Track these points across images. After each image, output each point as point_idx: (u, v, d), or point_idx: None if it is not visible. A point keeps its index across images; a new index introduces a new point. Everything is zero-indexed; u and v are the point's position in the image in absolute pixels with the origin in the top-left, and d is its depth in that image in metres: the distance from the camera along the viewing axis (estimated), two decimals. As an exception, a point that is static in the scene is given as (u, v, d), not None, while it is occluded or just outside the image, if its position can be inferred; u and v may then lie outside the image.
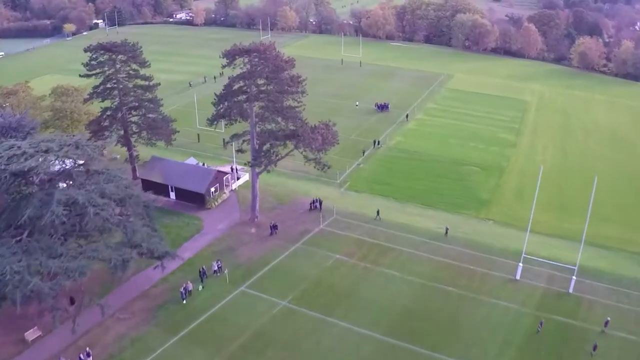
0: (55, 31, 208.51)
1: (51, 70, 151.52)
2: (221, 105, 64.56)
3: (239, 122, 66.11)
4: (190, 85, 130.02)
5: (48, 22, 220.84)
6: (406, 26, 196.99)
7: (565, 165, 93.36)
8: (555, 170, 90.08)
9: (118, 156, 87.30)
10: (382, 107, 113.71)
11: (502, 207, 78.13)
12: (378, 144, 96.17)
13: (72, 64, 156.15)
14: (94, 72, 74.84)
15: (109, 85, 76.54)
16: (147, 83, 77.97)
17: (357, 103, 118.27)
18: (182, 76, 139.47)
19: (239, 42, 65.83)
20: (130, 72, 77.13)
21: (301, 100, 63.36)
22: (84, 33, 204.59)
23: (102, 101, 77.39)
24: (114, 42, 75.48)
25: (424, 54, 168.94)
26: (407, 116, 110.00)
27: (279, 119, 62.70)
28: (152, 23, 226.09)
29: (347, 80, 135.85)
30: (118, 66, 75.83)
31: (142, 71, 78.86)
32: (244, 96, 63.25)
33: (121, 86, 76.40)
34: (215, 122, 65.40)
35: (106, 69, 75.42)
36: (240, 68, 63.50)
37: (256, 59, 61.13)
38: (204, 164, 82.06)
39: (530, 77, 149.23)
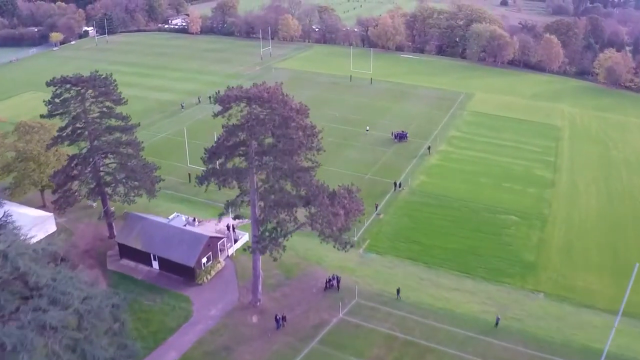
0: (43, 40, 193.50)
1: (33, 86, 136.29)
2: (212, 165, 49.95)
3: (236, 185, 51.33)
4: (182, 107, 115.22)
5: (35, 29, 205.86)
6: (416, 36, 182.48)
7: (613, 211, 79.37)
8: (603, 219, 76.39)
9: (94, 204, 72.77)
10: (400, 137, 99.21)
11: (551, 272, 64.28)
12: (399, 186, 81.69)
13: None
14: (57, 112, 60.12)
15: (78, 125, 61.89)
16: (123, 123, 63.16)
17: (368, 128, 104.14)
18: (174, 95, 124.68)
19: (236, 88, 50.79)
20: (104, 109, 62.34)
21: (317, 161, 48.60)
22: (72, 42, 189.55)
23: (70, 145, 62.71)
24: (81, 75, 60.71)
25: (438, 68, 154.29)
26: (429, 148, 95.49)
27: (288, 184, 48.07)
28: (145, 30, 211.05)
29: (357, 101, 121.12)
30: (87, 104, 61.08)
31: (119, 109, 64.02)
32: (243, 155, 48.57)
33: (92, 128, 61.68)
34: (207, 184, 50.69)
35: (72, 107, 60.70)
36: (238, 115, 48.68)
37: (258, 109, 46.36)
38: (194, 220, 67.56)
39: (556, 96, 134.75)
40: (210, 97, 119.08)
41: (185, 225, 62.57)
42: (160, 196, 71.62)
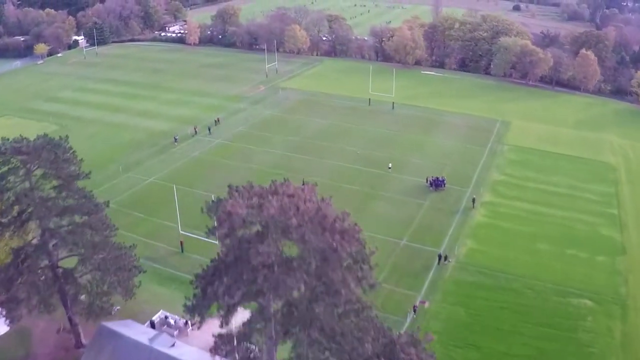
0: (29, 51, 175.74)
1: (10, 109, 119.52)
2: (206, 293, 32.27)
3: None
4: (175, 140, 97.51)
5: (21, 39, 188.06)
6: (435, 48, 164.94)
7: None
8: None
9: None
10: (437, 185, 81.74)
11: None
12: (445, 259, 64.29)
13: (35, 100, 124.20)
14: (-7, 193, 42.73)
15: (23, 207, 44.59)
16: (84, 201, 45.68)
17: (390, 166, 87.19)
18: (167, 123, 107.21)
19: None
20: (59, 184, 44.97)
21: (369, 305, 30.86)
22: (59, 54, 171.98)
23: (13, 236, 45.26)
24: (29, 142, 42.95)
25: (464, 88, 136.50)
26: (473, 201, 77.97)
27: (323, 341, 30.29)
28: (139, 40, 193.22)
29: (380, 133, 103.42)
30: (34, 180, 43.72)
31: (81, 183, 46.61)
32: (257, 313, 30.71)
33: (42, 211, 44.24)
34: (200, 318, 32.97)
35: (15, 183, 43.39)
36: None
37: (281, 242, 28.48)
38: (186, 323, 50.29)
39: (600, 123, 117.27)
40: (209, 129, 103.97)
41: (172, 346, 44.98)
42: (145, 276, 53.92)
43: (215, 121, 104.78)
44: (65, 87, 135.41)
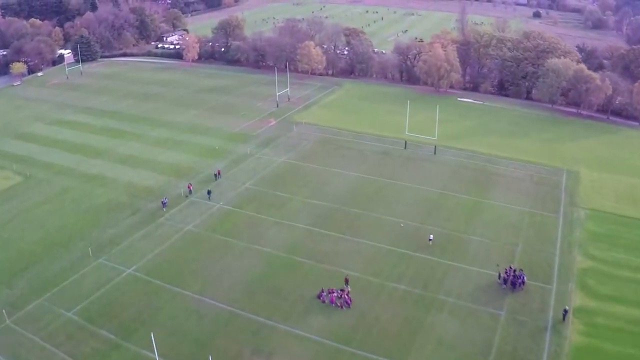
0: (9, 68, 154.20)
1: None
2: None
3: None
4: (164, 205, 75.54)
5: (2, 53, 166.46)
6: (467, 68, 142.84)
7: None
8: None
9: None
10: (514, 283, 59.87)
11: None
12: None
13: (2, 138, 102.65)
14: None
15: None
16: None
17: (431, 237, 66.59)
18: (154, 176, 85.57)
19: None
20: None
21: None
22: (40, 73, 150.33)
23: None
24: None
25: (512, 121, 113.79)
26: (564, 313, 56.06)
27: None
28: (132, 55, 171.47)
29: (424, 193, 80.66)
30: None
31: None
32: None
33: None
34: None
35: None
36: None
37: None
38: None
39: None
40: (208, 193, 76.20)
41: None
42: None
43: (215, 175, 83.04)
44: (39, 117, 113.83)
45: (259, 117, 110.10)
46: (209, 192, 76.99)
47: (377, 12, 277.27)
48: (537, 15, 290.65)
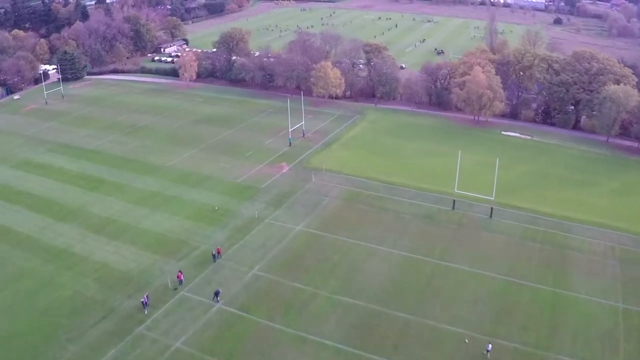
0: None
1: None
2: None
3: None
4: (145, 306, 54.89)
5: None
6: (506, 91, 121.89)
7: None
8: None
9: None
10: None
11: None
12: None
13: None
14: None
15: None
16: None
17: (489, 347, 47.15)
18: (131, 256, 64.74)
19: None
20: None
21: None
22: (16, 96, 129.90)
23: None
24: None
25: (574, 164, 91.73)
26: None
27: None
28: (123, 72, 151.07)
29: (484, 280, 60.17)
30: None
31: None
32: None
33: None
34: None
35: None
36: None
37: None
38: None
39: None
40: (216, 294, 52.28)
41: None
42: None
43: (214, 255, 62.76)
44: (4, 158, 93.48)
45: (268, 160, 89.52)
46: (216, 294, 56.24)
47: (389, 18, 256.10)
48: (558, 22, 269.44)
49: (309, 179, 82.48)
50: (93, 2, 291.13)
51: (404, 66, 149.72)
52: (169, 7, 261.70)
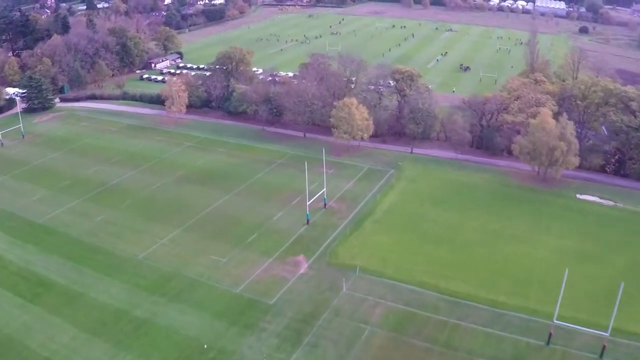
0: None
1: None
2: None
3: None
4: None
5: None
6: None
7: None
8: None
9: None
10: None
11: None
12: None
13: None
14: None
15: None
16: None
17: None
18: None
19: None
20: None
21: None
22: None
23: None
24: None
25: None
26: None
27: None
28: (102, 98, 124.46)
29: None
30: None
31: None
32: None
33: None
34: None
35: None
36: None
37: None
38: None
39: None
40: None
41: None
42: None
43: None
44: None
45: (279, 251, 62.86)
46: None
47: (404, 26, 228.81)
48: (584, 31, 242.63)
49: (339, 286, 56.29)
50: (84, 7, 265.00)
51: (430, 87, 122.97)
52: (165, 13, 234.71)
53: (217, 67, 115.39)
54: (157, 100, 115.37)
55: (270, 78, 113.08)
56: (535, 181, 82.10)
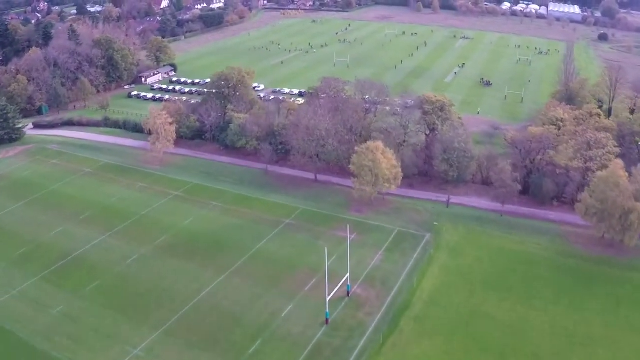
0: None
1: None
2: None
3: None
4: None
5: None
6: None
7: None
8: None
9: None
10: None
11: None
12: None
13: None
14: None
15: None
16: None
17: None
18: None
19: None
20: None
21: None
22: None
23: None
24: None
25: None
26: None
27: None
28: (79, 124, 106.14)
29: None
30: None
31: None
32: None
33: None
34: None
35: None
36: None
37: None
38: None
39: None
40: None
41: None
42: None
43: None
44: None
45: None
46: None
47: (415, 33, 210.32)
48: (603, 38, 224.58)
49: None
50: (74, 13, 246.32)
51: (459, 117, 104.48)
52: (159, 18, 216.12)
53: (213, 90, 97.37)
54: (142, 129, 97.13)
55: (274, 102, 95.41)
56: (602, 248, 64.35)
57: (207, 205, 72.65)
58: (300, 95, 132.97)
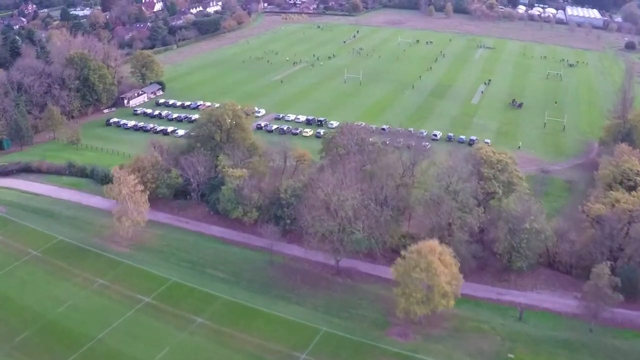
0: None
1: None
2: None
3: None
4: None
5: None
6: None
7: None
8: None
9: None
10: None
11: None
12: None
13: None
14: None
15: None
16: None
17: None
18: None
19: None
20: None
21: None
22: None
23: None
24: None
25: None
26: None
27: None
28: (38, 171, 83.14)
29: None
30: None
31: None
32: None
33: None
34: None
35: None
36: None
37: None
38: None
39: None
40: None
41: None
42: None
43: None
44: None
45: None
46: None
47: (430, 41, 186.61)
48: (630, 46, 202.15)
49: None
50: (59, 18, 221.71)
51: (499, 153, 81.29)
52: (150, 24, 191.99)
53: (200, 136, 74.44)
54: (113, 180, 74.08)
55: (280, 150, 72.80)
56: None
57: (190, 324, 49.81)
58: (308, 123, 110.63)
